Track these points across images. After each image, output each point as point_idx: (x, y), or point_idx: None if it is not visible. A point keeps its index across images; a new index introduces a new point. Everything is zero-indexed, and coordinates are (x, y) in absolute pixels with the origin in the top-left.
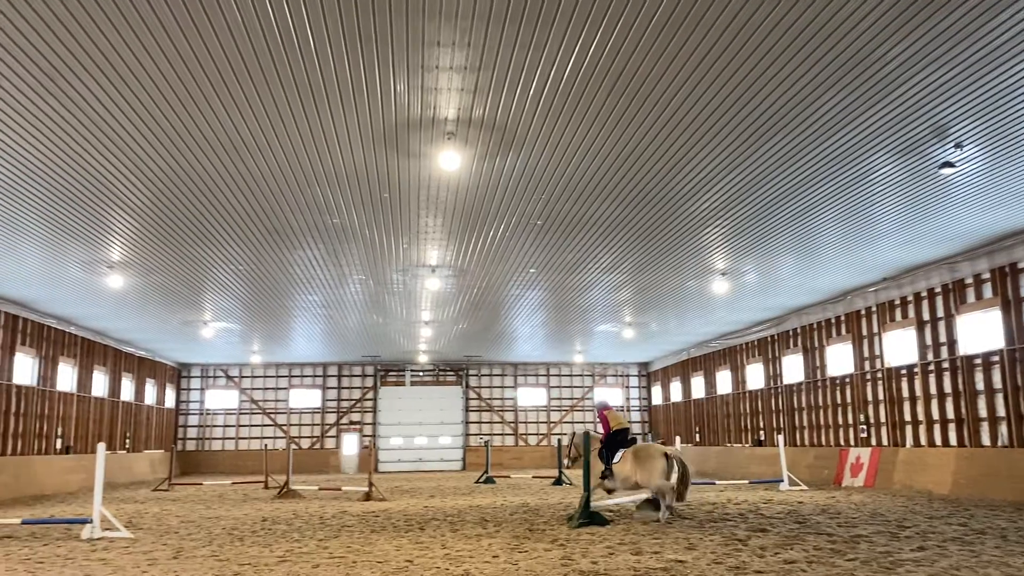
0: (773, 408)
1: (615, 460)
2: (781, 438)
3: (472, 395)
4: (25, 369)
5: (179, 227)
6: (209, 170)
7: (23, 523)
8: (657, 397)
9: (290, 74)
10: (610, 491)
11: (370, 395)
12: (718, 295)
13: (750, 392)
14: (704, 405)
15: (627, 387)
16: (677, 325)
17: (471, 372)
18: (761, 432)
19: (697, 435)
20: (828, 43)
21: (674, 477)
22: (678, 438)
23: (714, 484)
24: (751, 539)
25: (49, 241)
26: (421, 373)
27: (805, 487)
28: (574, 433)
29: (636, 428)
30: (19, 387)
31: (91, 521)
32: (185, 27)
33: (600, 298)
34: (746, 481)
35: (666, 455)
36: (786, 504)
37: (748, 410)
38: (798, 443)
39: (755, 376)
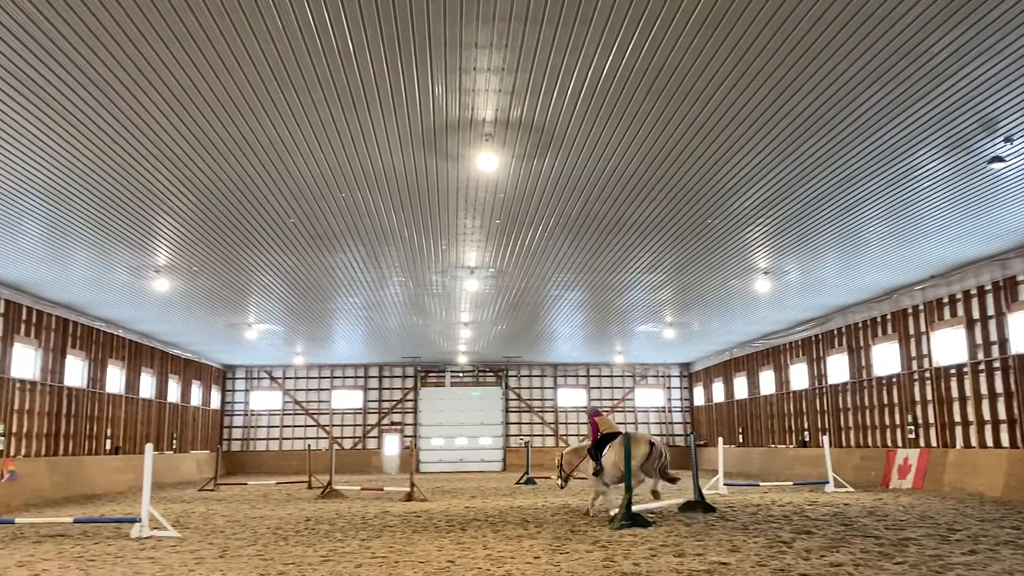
0: (818, 408)
1: (603, 454)
2: (826, 439)
3: (512, 396)
4: (76, 371)
5: (223, 231)
6: (252, 175)
7: (75, 522)
8: (699, 398)
9: (330, 80)
10: (603, 480)
11: (411, 396)
12: (760, 294)
13: (794, 392)
14: (747, 406)
15: (668, 388)
16: (719, 325)
17: (511, 373)
18: (805, 433)
19: (740, 436)
20: (873, 35)
21: (658, 463)
22: (720, 439)
23: (758, 486)
24: (796, 541)
25: (98, 246)
26: (461, 374)
27: (851, 489)
28: (562, 455)
29: (679, 429)
30: (70, 389)
31: (140, 520)
32: (228, 37)
33: (640, 298)
34: (790, 483)
35: (650, 443)
36: (832, 506)
37: (792, 411)
38: (843, 444)
39: (799, 376)
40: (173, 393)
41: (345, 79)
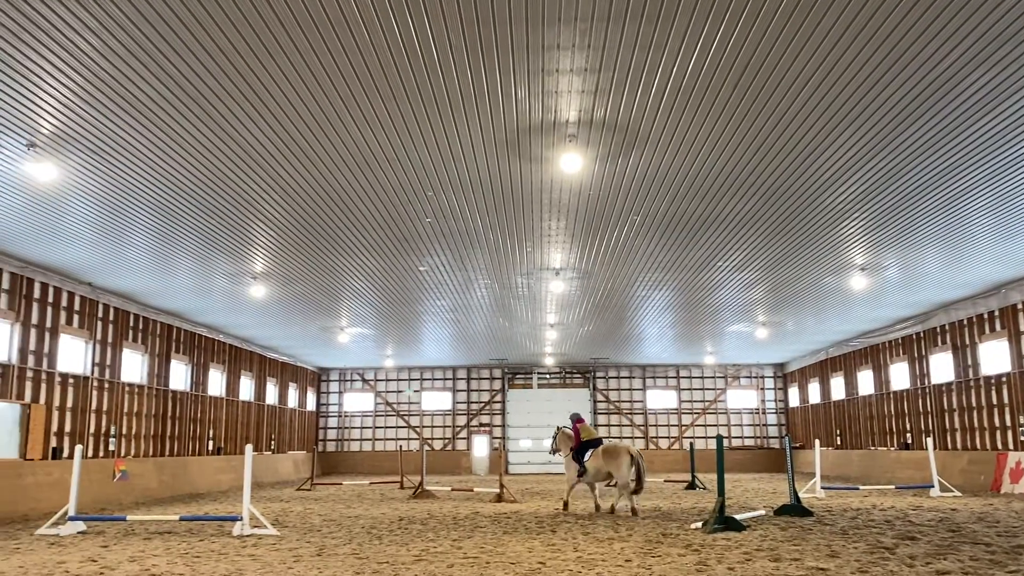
0: (920, 409)
1: (586, 459)
2: (930, 441)
3: (600, 398)
4: (179, 375)
5: (316, 238)
6: (343, 183)
7: (181, 519)
8: (794, 399)
9: (416, 88)
10: (584, 480)
11: (498, 397)
12: (857, 291)
13: (895, 393)
14: (845, 407)
15: (762, 389)
16: (814, 324)
17: (598, 374)
18: (908, 435)
19: (838, 438)
20: (978, 15)
21: (633, 471)
22: (817, 441)
23: (857, 489)
24: (899, 547)
25: (199, 255)
26: (548, 376)
27: (958, 493)
28: (560, 432)
29: (773, 431)
30: (174, 392)
31: (241, 519)
32: (319, 51)
33: (731, 297)
34: (892, 486)
35: (630, 453)
36: (937, 511)
37: (893, 412)
38: (949, 446)
39: (900, 376)
40: (271, 395)
41: (430, 87)
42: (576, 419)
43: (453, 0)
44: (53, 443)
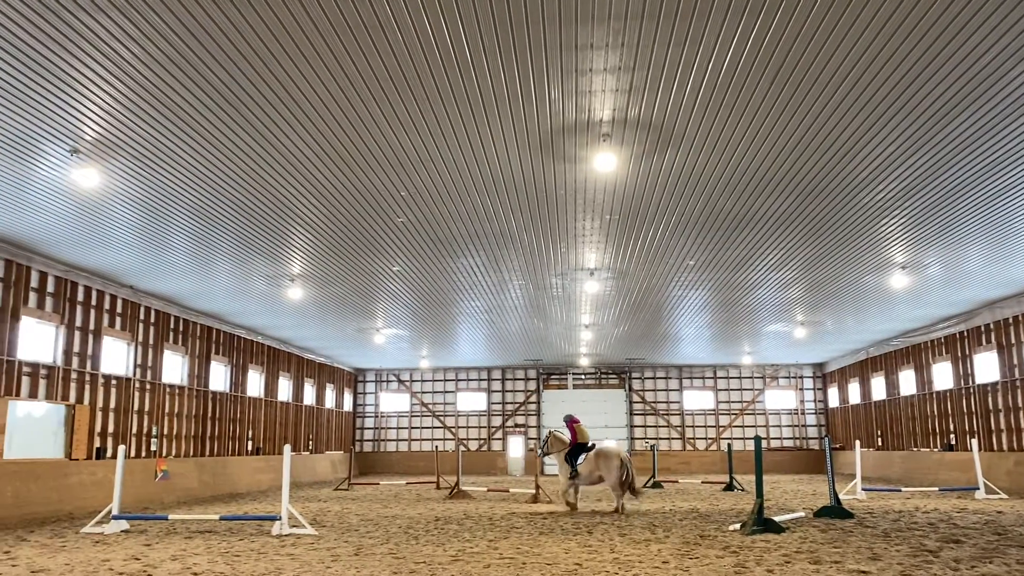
0: (964, 410)
1: (579, 462)
2: (975, 442)
3: (636, 398)
4: (219, 376)
5: (352, 241)
6: (378, 186)
7: (221, 519)
8: (834, 399)
9: (450, 90)
10: (576, 483)
11: (533, 398)
12: (898, 290)
13: (937, 393)
14: (886, 407)
15: (801, 389)
16: (854, 323)
17: (634, 375)
18: (951, 436)
19: (879, 439)
20: (1021, 8)
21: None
22: (858, 442)
23: (899, 491)
24: (943, 550)
25: (238, 258)
26: (583, 376)
27: (1005, 496)
28: (552, 434)
29: (812, 432)
30: (214, 393)
31: (280, 518)
32: (354, 56)
33: (769, 296)
34: (935, 488)
35: (620, 457)
36: (983, 514)
37: (935, 412)
38: (994, 448)
39: (942, 376)
40: (308, 396)
41: (464, 88)
42: (571, 420)
43: (486, 1)
44: (97, 443)
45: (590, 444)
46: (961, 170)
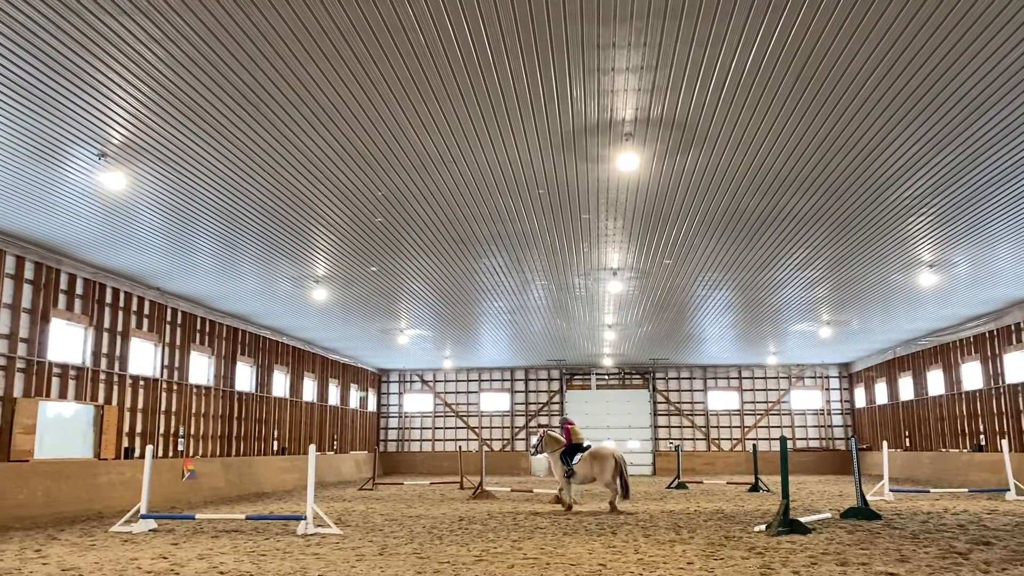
0: (994, 410)
1: (575, 461)
2: (1005, 443)
3: (660, 399)
4: (244, 377)
5: (375, 242)
6: (400, 187)
7: (247, 518)
8: (860, 399)
9: (471, 91)
10: (571, 482)
11: (556, 399)
12: (926, 289)
13: (967, 393)
14: (913, 407)
15: (827, 389)
16: (880, 322)
17: (658, 375)
18: (981, 436)
19: (907, 439)
20: None
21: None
22: (885, 443)
23: (928, 492)
24: (973, 553)
25: (263, 259)
26: (607, 376)
27: None
28: (546, 432)
29: (838, 432)
30: (240, 393)
31: (305, 518)
32: (376, 57)
33: (794, 296)
34: (965, 489)
35: (615, 457)
36: (1014, 515)
37: (965, 412)
38: None
39: (972, 375)
40: (333, 396)
41: (486, 89)
42: (566, 421)
43: (508, 1)
44: (125, 443)
45: (585, 444)
46: (988, 167)
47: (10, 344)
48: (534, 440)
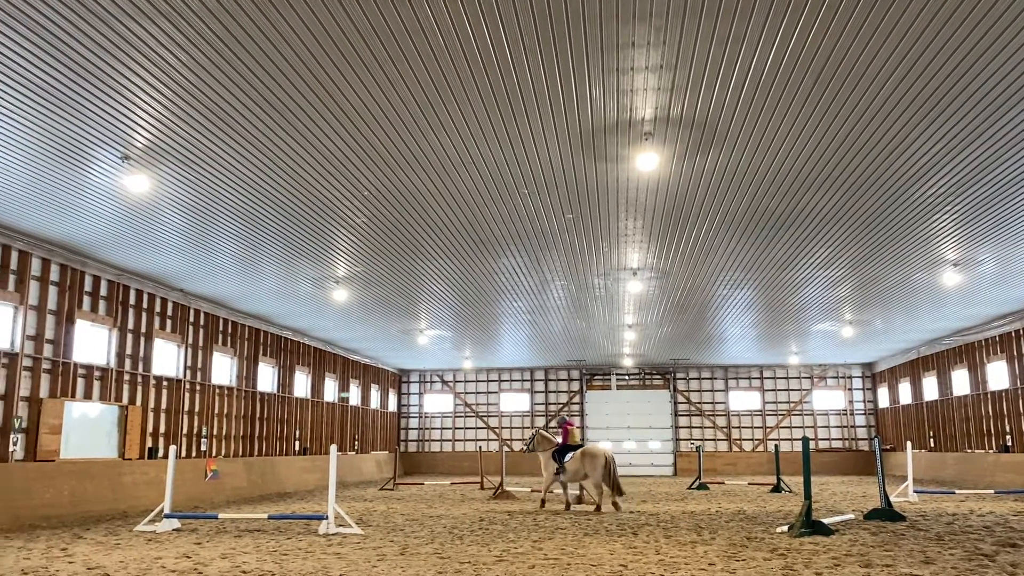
0: (1021, 410)
1: (566, 459)
2: None
3: (681, 399)
4: (266, 377)
5: (395, 243)
6: (420, 188)
7: (269, 518)
8: (884, 399)
9: (490, 91)
10: (560, 480)
11: (577, 399)
12: (950, 288)
13: (992, 393)
14: (938, 407)
15: (849, 389)
16: (904, 322)
17: (679, 375)
18: (1007, 437)
19: (931, 440)
20: None
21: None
22: (909, 443)
23: (953, 493)
24: (999, 555)
25: (284, 261)
26: (627, 377)
27: None
28: (539, 432)
29: (862, 432)
30: (262, 394)
31: (327, 518)
32: (395, 58)
33: (816, 295)
34: (991, 491)
35: (606, 456)
36: None
37: (991, 413)
38: None
39: (998, 375)
40: (354, 396)
41: (504, 89)
42: (565, 422)
43: (526, 1)
44: (149, 443)
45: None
46: (1015, 164)
47: (36, 345)
48: (528, 438)
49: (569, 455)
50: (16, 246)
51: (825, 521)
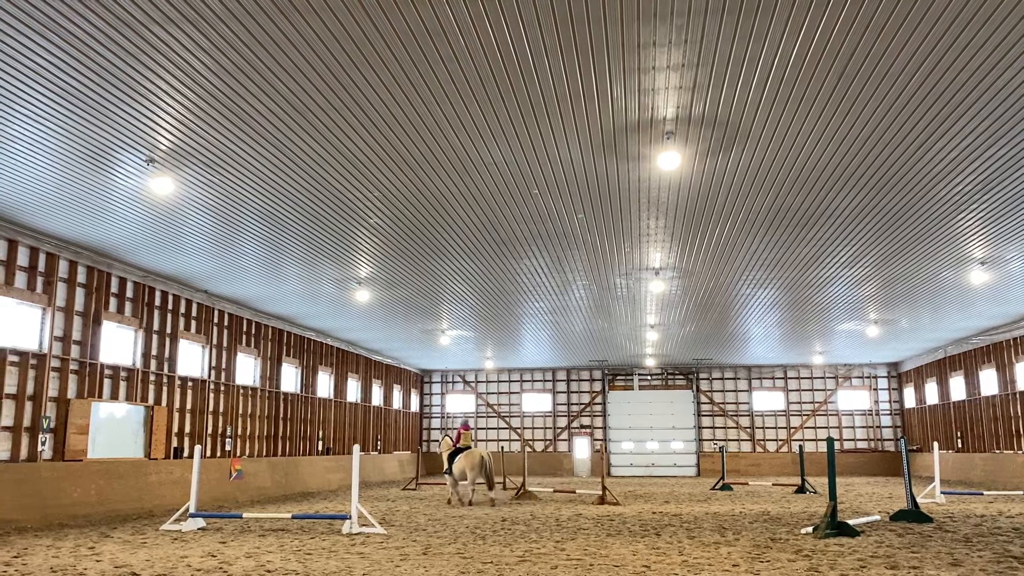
0: None
1: (454, 461)
2: None
3: (704, 399)
4: (290, 378)
5: (417, 244)
6: (442, 189)
7: (293, 518)
8: (910, 399)
9: (512, 92)
10: (453, 483)
11: (599, 399)
12: (978, 286)
13: (1021, 393)
14: (965, 408)
15: (875, 389)
16: (930, 321)
17: (702, 376)
18: None
19: (959, 440)
20: None
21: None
22: (936, 444)
23: (981, 495)
24: None
25: (307, 262)
26: (649, 377)
27: None
28: (444, 434)
29: (887, 433)
30: (285, 394)
31: (350, 517)
32: (417, 61)
33: (841, 294)
34: (1020, 492)
35: (482, 456)
36: None
37: (1020, 413)
38: None
39: None
40: (376, 397)
41: (525, 90)
42: (463, 425)
43: (547, 2)
44: (174, 443)
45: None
46: None
47: (64, 346)
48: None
49: (457, 457)
50: (44, 249)
51: (851, 522)
